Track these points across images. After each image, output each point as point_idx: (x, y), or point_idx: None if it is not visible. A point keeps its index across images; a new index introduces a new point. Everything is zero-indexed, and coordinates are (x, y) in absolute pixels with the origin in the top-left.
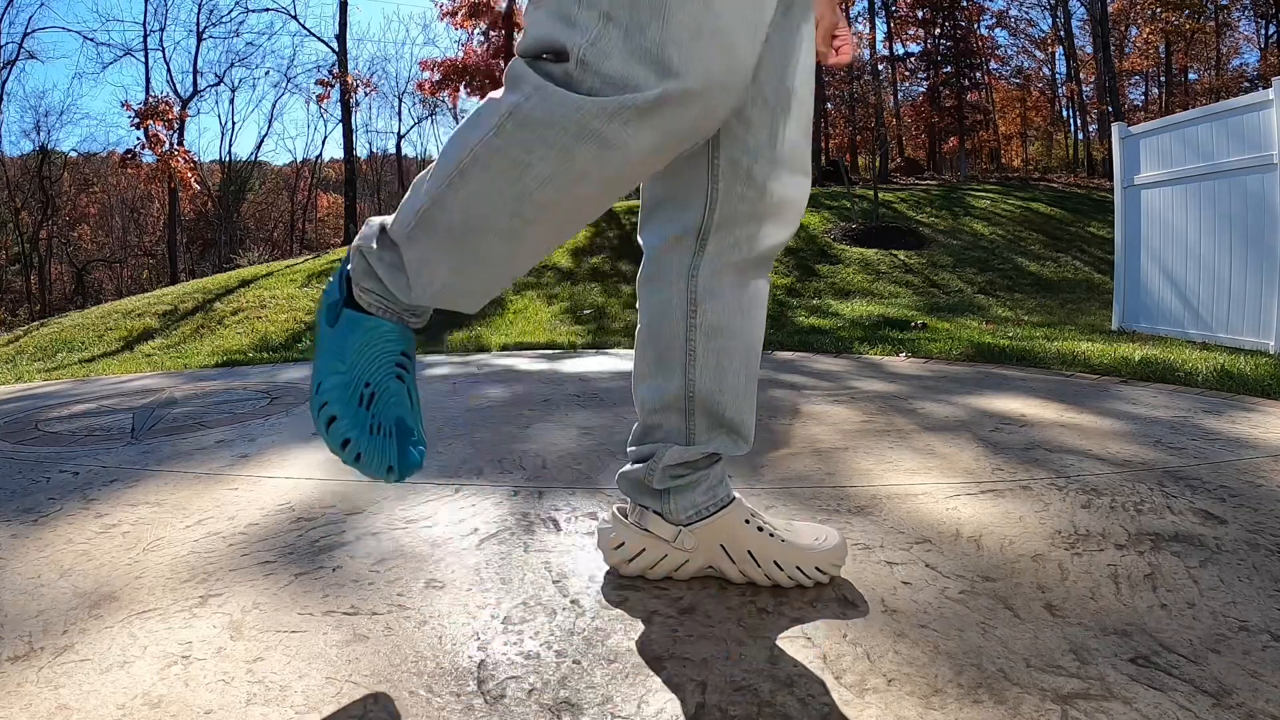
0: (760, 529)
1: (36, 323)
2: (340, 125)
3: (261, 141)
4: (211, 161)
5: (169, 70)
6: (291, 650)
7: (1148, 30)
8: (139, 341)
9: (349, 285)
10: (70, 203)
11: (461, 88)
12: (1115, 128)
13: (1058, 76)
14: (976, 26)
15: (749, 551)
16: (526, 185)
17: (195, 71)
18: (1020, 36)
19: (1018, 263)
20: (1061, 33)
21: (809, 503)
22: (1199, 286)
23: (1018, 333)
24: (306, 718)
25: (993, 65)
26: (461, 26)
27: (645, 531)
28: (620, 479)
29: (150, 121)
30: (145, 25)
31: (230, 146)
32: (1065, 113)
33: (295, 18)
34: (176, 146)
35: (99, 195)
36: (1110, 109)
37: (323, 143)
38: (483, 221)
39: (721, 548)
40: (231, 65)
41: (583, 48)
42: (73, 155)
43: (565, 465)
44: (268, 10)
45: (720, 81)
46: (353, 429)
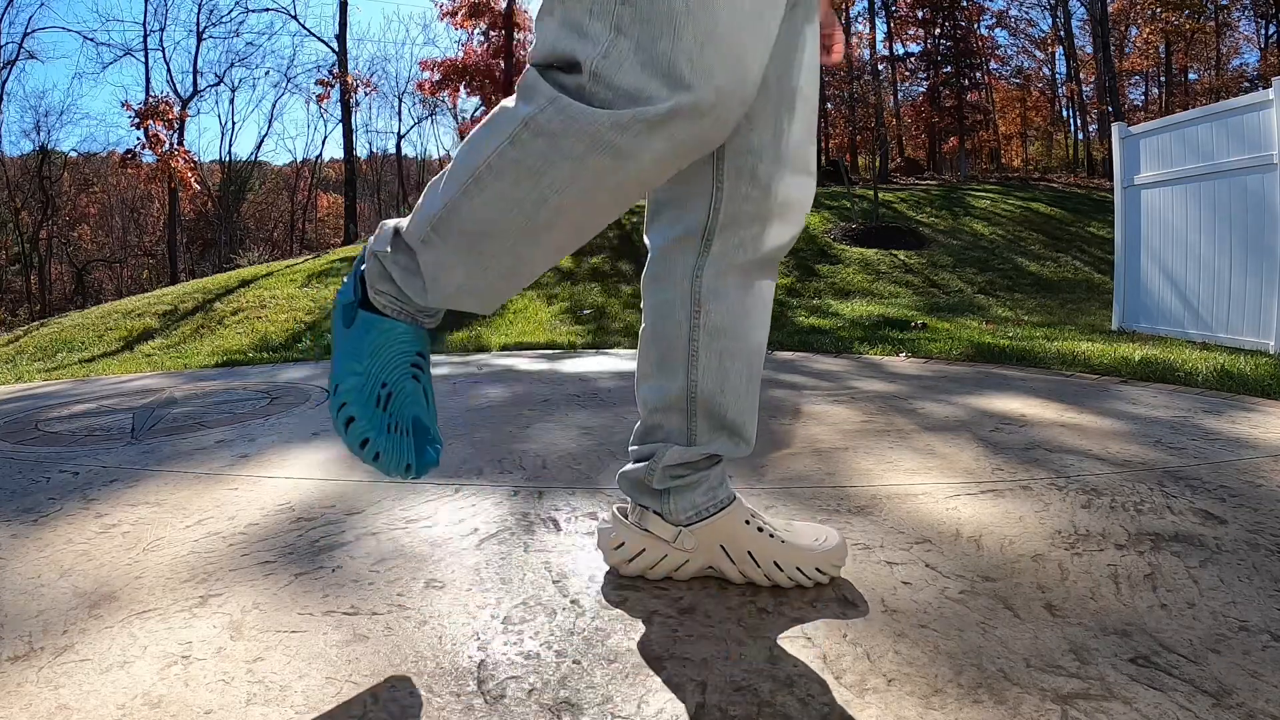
0: (760, 529)
1: (36, 323)
2: (340, 125)
3: (261, 141)
4: (211, 161)
5: (169, 70)
6: (291, 650)
7: (1148, 30)
8: (139, 341)
9: (364, 287)
10: (70, 203)
11: (461, 88)
12: (1115, 128)
13: (1058, 76)
14: (976, 26)
15: (749, 552)
16: (541, 193)
17: (195, 71)
18: (1020, 36)
19: (1018, 263)
20: (1061, 33)
21: (809, 503)
22: (1199, 286)
23: (1018, 333)
24: (306, 718)
25: (993, 65)
26: (461, 26)
27: (645, 532)
28: (621, 478)
29: (150, 121)
30: (145, 25)
31: (230, 146)
32: (1065, 113)
33: (295, 18)
34: (176, 146)
35: (99, 195)
36: (1110, 109)
37: (323, 143)
38: (497, 227)
39: (721, 548)
40: (231, 65)
41: (595, 60)
42: (73, 155)
43: (565, 465)
44: (268, 10)
45: (731, 93)
46: (371, 429)
